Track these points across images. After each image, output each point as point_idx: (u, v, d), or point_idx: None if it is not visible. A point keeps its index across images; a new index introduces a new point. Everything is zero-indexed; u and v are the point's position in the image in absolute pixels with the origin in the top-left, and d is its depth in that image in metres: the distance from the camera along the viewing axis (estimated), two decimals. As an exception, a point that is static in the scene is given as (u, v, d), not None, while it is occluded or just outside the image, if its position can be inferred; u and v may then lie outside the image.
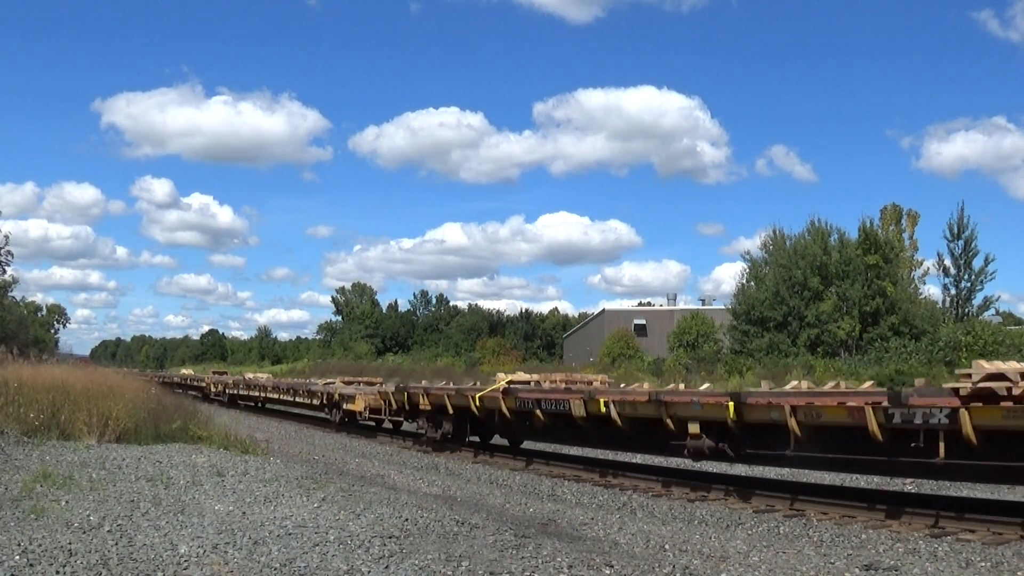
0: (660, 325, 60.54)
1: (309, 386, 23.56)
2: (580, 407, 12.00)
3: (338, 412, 20.52)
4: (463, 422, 15.48)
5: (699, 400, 10.33)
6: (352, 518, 7.39)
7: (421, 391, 16.40)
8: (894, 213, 52.56)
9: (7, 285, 47.58)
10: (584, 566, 6.11)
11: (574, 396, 12.25)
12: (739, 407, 9.74)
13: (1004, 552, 7.40)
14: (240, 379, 32.54)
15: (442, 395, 15.63)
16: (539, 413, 12.92)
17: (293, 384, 25.91)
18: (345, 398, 19.92)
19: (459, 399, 14.98)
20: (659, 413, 10.70)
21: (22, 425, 12.10)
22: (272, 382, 28.65)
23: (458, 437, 15.70)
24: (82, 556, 5.73)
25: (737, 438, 10.10)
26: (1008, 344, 32.95)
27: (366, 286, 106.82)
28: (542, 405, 12.86)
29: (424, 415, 16.26)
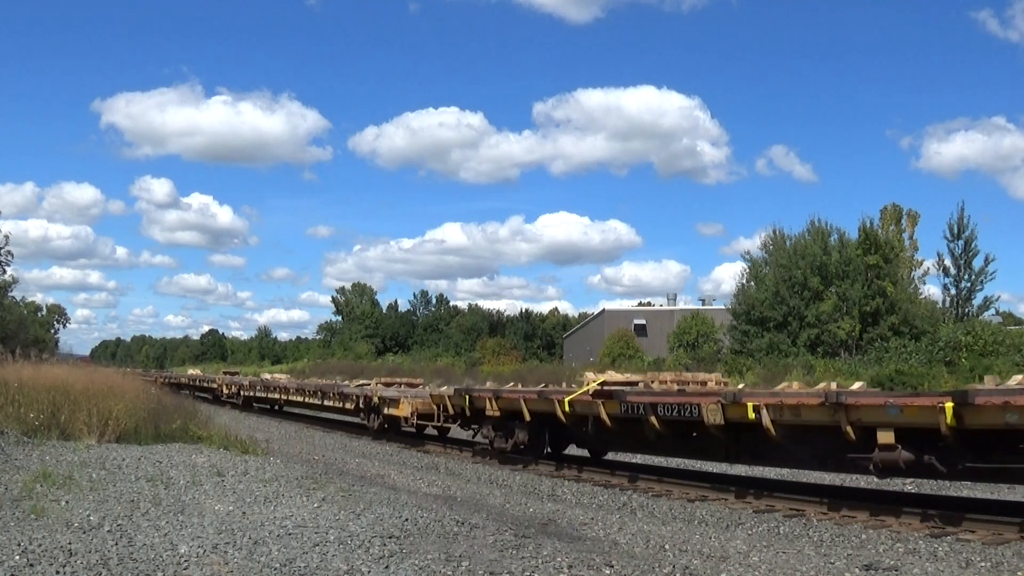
0: (660, 325, 60.54)
1: (340, 388, 21.54)
2: (716, 413, 10.00)
3: (377, 417, 18.63)
4: (541, 430, 13.64)
5: (896, 403, 8.50)
6: (352, 518, 7.39)
7: (489, 395, 14.47)
8: (894, 213, 52.57)
9: (7, 285, 47.61)
10: (584, 566, 6.11)
11: (707, 399, 10.30)
12: (960, 409, 7.89)
13: (1004, 552, 7.40)
14: (257, 380, 30.23)
15: (517, 399, 13.63)
16: (654, 420, 10.87)
17: (321, 386, 23.51)
18: (387, 402, 18.02)
19: (541, 404, 13.11)
20: (835, 419, 8.82)
21: (22, 425, 12.10)
22: (295, 383, 26.47)
23: (534, 448, 13.80)
24: (82, 556, 5.73)
25: (951, 449, 8.27)
26: (1008, 344, 32.97)
27: (366, 286, 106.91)
28: (659, 410, 10.80)
29: (491, 422, 14.36)
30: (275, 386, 26.72)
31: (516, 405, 13.57)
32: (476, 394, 14.91)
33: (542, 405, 13.08)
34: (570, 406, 12.35)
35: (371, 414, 18.89)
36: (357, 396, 19.67)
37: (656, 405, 10.90)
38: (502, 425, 14.08)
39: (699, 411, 10.22)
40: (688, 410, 10.46)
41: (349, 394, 20.26)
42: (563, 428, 13.13)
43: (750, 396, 9.94)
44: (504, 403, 13.97)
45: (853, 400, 8.78)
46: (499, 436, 14.13)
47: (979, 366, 30.46)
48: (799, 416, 9.31)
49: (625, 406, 11.35)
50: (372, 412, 18.82)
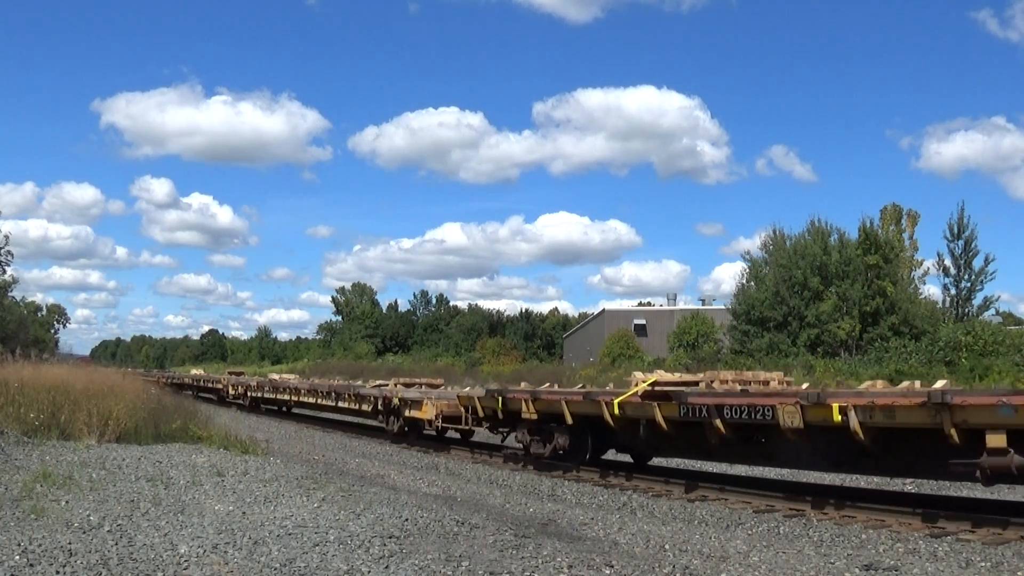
0: (660, 325, 60.52)
1: (357, 389, 20.43)
2: (794, 415, 9.14)
3: (396, 420, 17.75)
4: (584, 434, 12.75)
5: (1012, 402, 7.72)
6: (352, 518, 7.39)
7: (526, 396, 13.51)
8: (894, 213, 52.57)
9: (7, 285, 47.62)
10: (584, 566, 6.11)
11: (785, 400, 9.42)
12: None
13: (1004, 552, 7.40)
14: (265, 381, 29.09)
15: (558, 401, 12.68)
16: (719, 424, 9.99)
17: (336, 387, 22.43)
18: (408, 404, 17.03)
19: (586, 406, 12.16)
20: (936, 421, 8.09)
21: (22, 425, 12.10)
22: (307, 384, 25.32)
23: (576, 453, 12.88)
24: (82, 556, 5.73)
25: None
26: (1008, 344, 32.96)
27: (366, 286, 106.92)
28: (725, 413, 9.94)
29: (526, 425, 13.51)
30: (285, 387, 25.78)
31: (556, 407, 12.66)
32: (511, 395, 13.99)
33: (587, 407, 12.13)
34: (620, 408, 11.38)
35: (390, 416, 18.06)
36: (375, 398, 18.70)
37: (722, 407, 10.01)
38: (539, 429, 13.29)
39: (774, 413, 9.36)
40: (760, 412, 9.58)
41: (366, 395, 19.30)
42: (608, 432, 12.23)
43: (835, 396, 9.06)
44: (543, 405, 13.08)
45: (960, 400, 8.04)
46: (536, 440, 13.32)
47: (979, 366, 30.49)
48: (893, 418, 8.51)
49: (685, 408, 10.45)
50: (391, 414, 17.95)
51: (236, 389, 30.17)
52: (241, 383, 30.47)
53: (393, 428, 17.87)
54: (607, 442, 13.01)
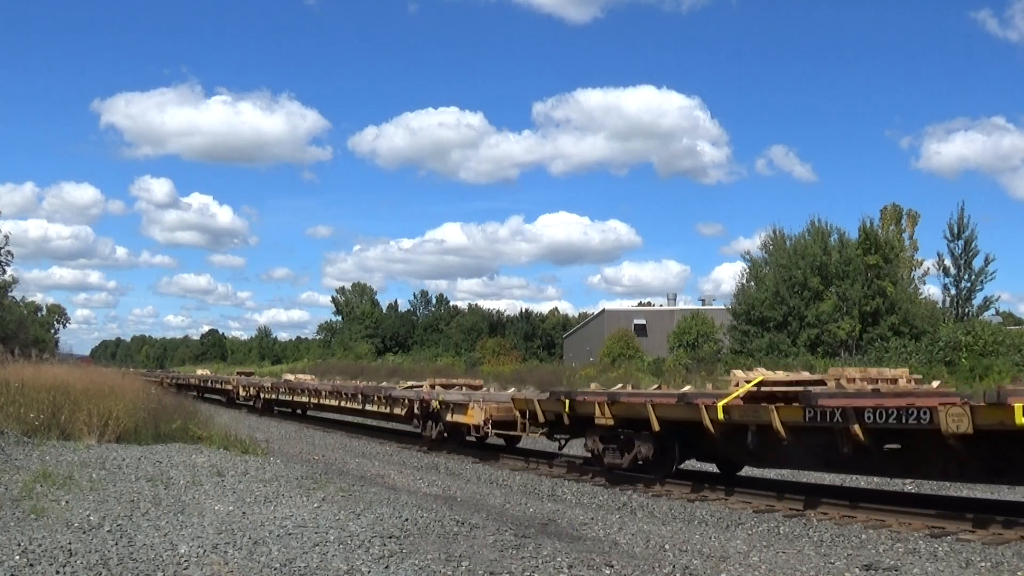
0: (660, 325, 60.54)
1: (388, 392, 18.77)
2: (961, 419, 7.78)
3: (435, 425, 16.21)
4: (670, 442, 11.32)
5: None
6: (352, 518, 7.39)
7: (601, 399, 11.97)
8: (894, 213, 52.58)
9: (7, 285, 47.58)
10: (584, 566, 6.11)
11: (948, 401, 8.19)
12: None
13: (1004, 552, 7.40)
14: (280, 382, 27.05)
15: (641, 404, 11.18)
16: (857, 430, 8.60)
17: (363, 389, 20.79)
18: (451, 407, 15.59)
19: (678, 410, 10.70)
20: None
21: (22, 425, 12.10)
22: (329, 385, 23.68)
23: (660, 464, 11.45)
24: (82, 556, 5.73)
25: None
26: (1008, 344, 32.97)
27: (366, 286, 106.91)
28: (867, 417, 8.53)
29: (599, 432, 12.10)
30: (302, 388, 24.12)
31: (639, 412, 11.24)
32: (581, 398, 12.55)
33: (680, 411, 10.69)
34: (725, 413, 9.95)
35: (427, 421, 16.48)
36: (409, 401, 17.12)
37: (862, 410, 8.60)
38: (614, 436, 11.92)
39: (932, 417, 7.99)
40: (915, 416, 8.19)
41: (399, 398, 17.73)
42: (702, 440, 10.90)
43: (1017, 396, 7.73)
44: (622, 409, 11.66)
45: None
46: (611, 449, 11.95)
47: (979, 366, 30.50)
48: None
49: (813, 412, 9.02)
50: (429, 419, 16.39)
51: (247, 390, 28.82)
52: (253, 384, 29.05)
53: (431, 434, 16.34)
54: (696, 451, 11.78)
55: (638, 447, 11.49)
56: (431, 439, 16.38)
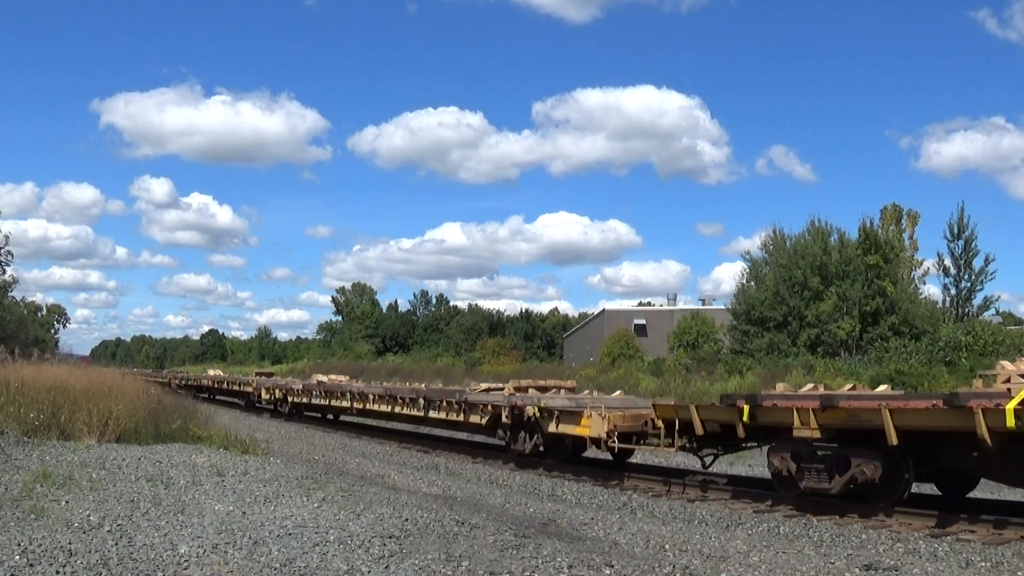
0: (660, 325, 60.54)
1: (461, 395, 15.76)
2: None
3: (530, 437, 13.75)
4: (902, 459, 9.01)
5: None
6: (352, 518, 7.39)
7: (804, 405, 9.45)
8: (894, 213, 52.57)
9: (7, 285, 47.59)
10: (584, 566, 6.11)
11: None
12: None
13: (1004, 552, 7.40)
14: (313, 384, 23.59)
15: (874, 411, 8.73)
16: None
17: (427, 392, 17.47)
18: (556, 416, 13.03)
19: (936, 417, 8.34)
20: None
21: (22, 425, 12.11)
22: (378, 388, 19.92)
23: (891, 488, 9.13)
24: (82, 556, 5.73)
25: None
26: (1008, 344, 32.96)
27: (366, 286, 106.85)
28: None
29: (794, 447, 9.63)
30: (342, 391, 20.96)
31: (867, 420, 8.81)
32: (770, 403, 9.92)
33: (939, 419, 8.30)
34: (1018, 418, 7.62)
35: (520, 432, 13.90)
36: (495, 407, 14.41)
37: None
38: (811, 452, 9.48)
39: None
40: None
41: (477, 403, 15.02)
42: (950, 454, 8.87)
43: None
44: (838, 417, 9.16)
45: None
46: (812, 469, 9.46)
47: (979, 366, 30.46)
48: None
49: None
50: (522, 429, 13.84)
51: (271, 393, 25.76)
52: (278, 386, 25.91)
53: (523, 448, 13.80)
54: (931, 468, 9.50)
55: (857, 467, 9.05)
56: (523, 453, 13.89)
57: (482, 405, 14.86)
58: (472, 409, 15.19)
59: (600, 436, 12.00)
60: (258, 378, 29.44)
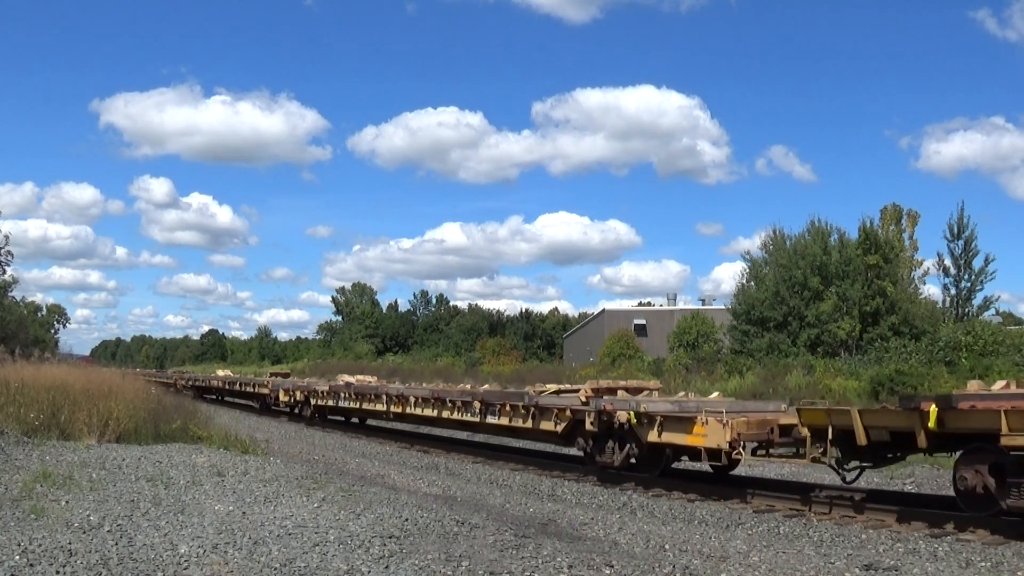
0: (660, 325, 60.54)
1: (531, 399, 13.60)
2: None
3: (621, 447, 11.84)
4: None
5: None
6: (352, 518, 7.39)
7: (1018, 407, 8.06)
8: (894, 213, 52.56)
9: (7, 285, 47.59)
10: (584, 566, 6.11)
11: None
12: None
13: (1004, 552, 7.40)
14: (340, 385, 21.33)
15: None
16: None
17: (484, 395, 15.23)
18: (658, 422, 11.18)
19: None
20: None
21: (22, 425, 12.11)
22: (423, 391, 17.49)
23: None
24: (82, 556, 5.73)
25: None
26: (1008, 344, 32.96)
27: (366, 286, 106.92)
28: None
29: (995, 457, 8.18)
30: (376, 393, 18.67)
31: None
32: (969, 405, 8.47)
33: None
34: None
35: (608, 442, 12.09)
36: (573, 411, 12.62)
37: None
38: (1018, 464, 8.02)
39: None
40: None
41: (550, 408, 13.17)
42: None
43: None
44: None
45: None
46: None
47: (979, 366, 30.47)
48: None
49: None
50: (610, 438, 12.03)
51: (289, 395, 23.76)
52: (298, 387, 23.70)
53: (612, 460, 11.94)
54: None
55: None
56: (609, 466, 12.01)
57: (557, 410, 12.93)
58: (544, 414, 13.25)
59: (720, 446, 10.30)
60: (274, 379, 27.62)
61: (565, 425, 12.78)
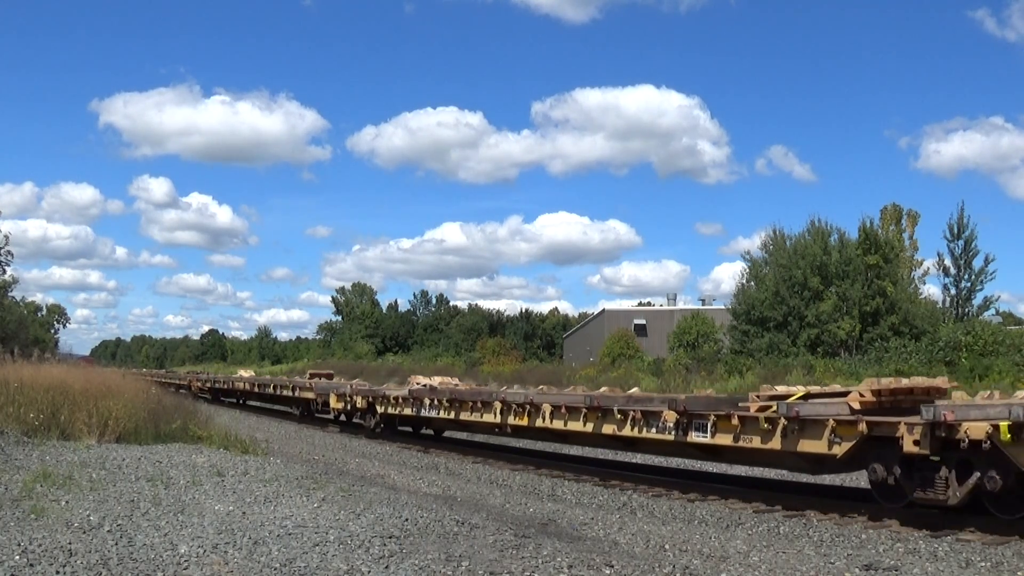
0: (660, 325, 60.54)
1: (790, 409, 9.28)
2: None
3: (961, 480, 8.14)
4: None
5: None
6: (352, 518, 7.39)
7: None
8: (894, 213, 52.55)
9: (7, 285, 47.54)
10: (584, 566, 6.11)
11: None
12: None
13: (1004, 552, 7.40)
14: (420, 390, 16.71)
15: None
16: None
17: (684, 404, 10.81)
18: None
19: None
20: None
21: (22, 425, 12.11)
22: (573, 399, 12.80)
23: None
24: (82, 556, 5.73)
25: None
26: (1008, 344, 32.96)
27: (366, 286, 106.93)
28: None
29: None
30: (483, 400, 14.45)
31: None
32: None
33: None
34: None
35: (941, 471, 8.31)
36: (872, 425, 8.76)
37: None
38: None
39: None
40: None
41: (818, 420, 9.21)
42: None
43: None
44: None
45: None
46: None
47: (979, 366, 30.50)
48: None
49: None
50: (945, 464, 8.31)
51: (346, 400, 19.09)
52: (360, 392, 18.88)
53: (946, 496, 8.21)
54: None
55: None
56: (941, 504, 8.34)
57: (836, 422, 9.04)
58: (807, 429, 9.31)
59: None
60: (318, 381, 23.45)
61: (851, 445, 8.93)
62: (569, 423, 12.56)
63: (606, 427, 11.88)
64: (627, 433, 11.49)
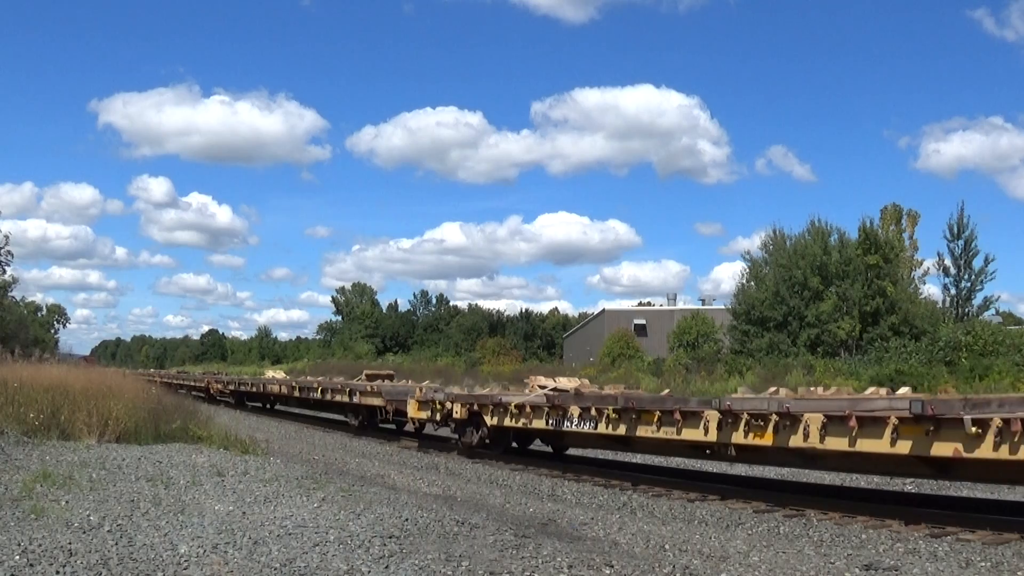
0: (660, 325, 60.57)
1: None
2: None
3: None
4: None
5: None
6: (352, 518, 7.39)
7: None
8: (894, 213, 52.58)
9: (7, 285, 47.53)
10: (584, 566, 6.11)
11: None
12: None
13: (1004, 552, 7.40)
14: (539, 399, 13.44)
15: None
16: None
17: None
18: None
19: None
20: None
21: (22, 425, 12.10)
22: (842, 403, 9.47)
23: None
24: (82, 556, 5.72)
25: None
26: (1008, 344, 32.98)
27: (366, 286, 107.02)
28: None
29: None
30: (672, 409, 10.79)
31: None
32: None
33: None
34: None
35: None
36: None
37: None
38: None
39: None
40: None
41: None
42: None
43: None
44: None
45: None
46: None
47: (979, 366, 30.51)
48: None
49: None
50: None
51: (435, 408, 15.54)
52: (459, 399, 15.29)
53: None
54: None
55: None
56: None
57: None
58: None
59: None
60: (383, 384, 19.80)
61: None
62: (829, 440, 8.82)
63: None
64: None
